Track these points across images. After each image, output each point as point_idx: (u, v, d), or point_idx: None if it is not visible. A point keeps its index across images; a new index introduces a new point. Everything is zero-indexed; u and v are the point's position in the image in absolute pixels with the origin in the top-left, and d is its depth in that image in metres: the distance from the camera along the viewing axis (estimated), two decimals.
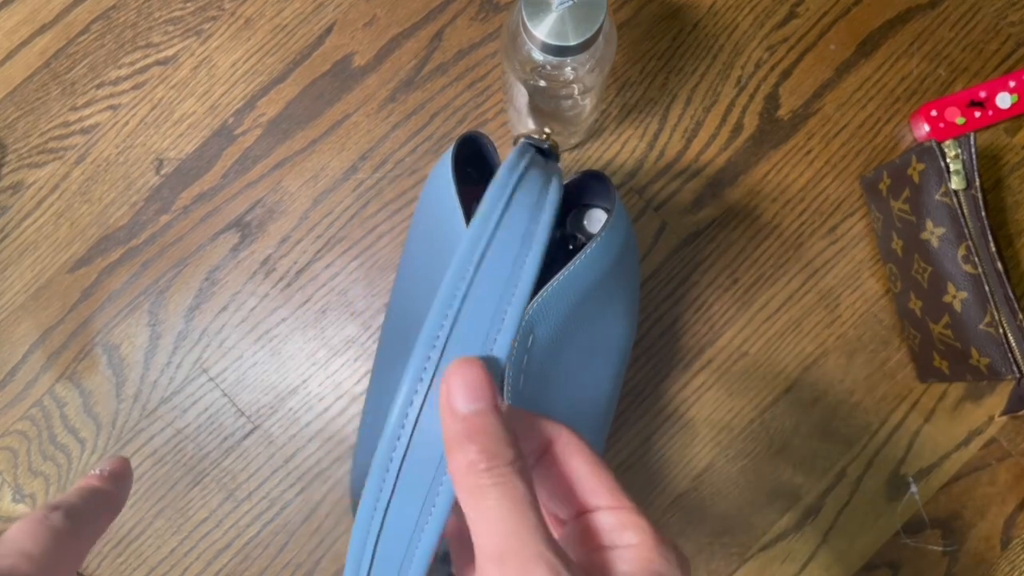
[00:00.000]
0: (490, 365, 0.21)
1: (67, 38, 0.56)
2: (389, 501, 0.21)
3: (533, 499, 0.19)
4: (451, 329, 0.21)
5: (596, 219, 0.45)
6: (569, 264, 0.35)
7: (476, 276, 0.22)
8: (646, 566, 0.20)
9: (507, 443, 0.19)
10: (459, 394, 0.19)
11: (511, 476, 0.19)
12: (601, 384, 0.40)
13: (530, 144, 0.31)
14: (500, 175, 0.25)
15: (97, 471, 0.31)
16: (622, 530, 0.21)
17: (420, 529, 0.21)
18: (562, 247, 0.45)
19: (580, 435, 0.22)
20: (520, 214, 0.23)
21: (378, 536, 0.21)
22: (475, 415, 0.19)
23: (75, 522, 0.28)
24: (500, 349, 0.21)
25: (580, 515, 0.22)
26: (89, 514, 0.29)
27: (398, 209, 0.54)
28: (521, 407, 0.33)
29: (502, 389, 0.33)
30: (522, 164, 0.26)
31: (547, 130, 0.33)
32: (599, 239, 0.35)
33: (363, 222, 0.54)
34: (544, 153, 0.32)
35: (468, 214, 0.34)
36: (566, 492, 0.22)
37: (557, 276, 0.34)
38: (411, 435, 0.21)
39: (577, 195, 0.44)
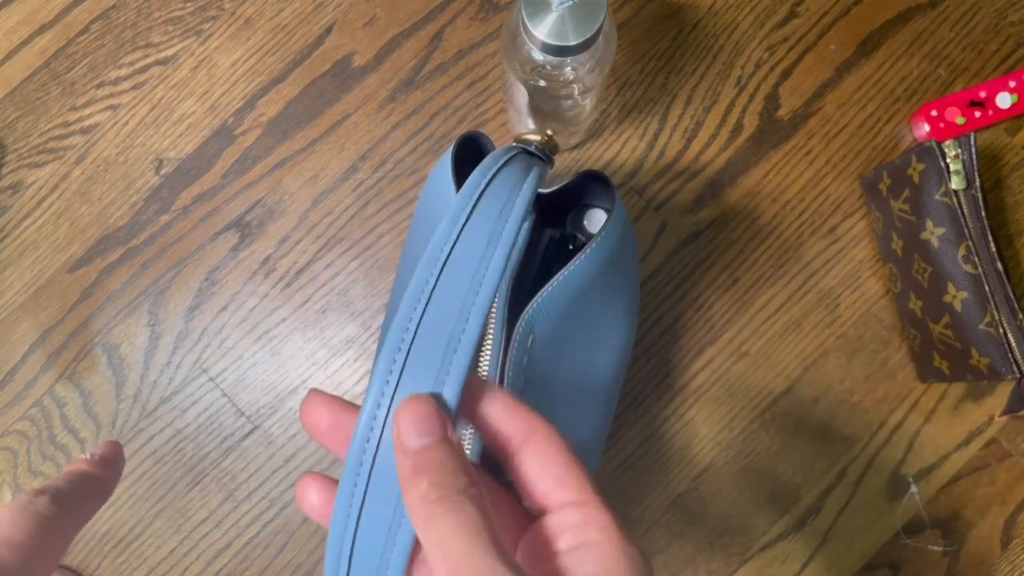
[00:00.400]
0: (443, 392, 0.21)
1: (67, 38, 0.56)
2: (363, 502, 0.21)
3: (486, 522, 0.19)
4: (415, 333, 0.21)
5: (596, 219, 0.45)
6: (569, 264, 0.35)
7: (439, 278, 0.22)
8: (607, 566, 0.20)
9: (457, 472, 0.20)
10: (408, 431, 0.20)
11: (463, 503, 0.19)
12: (601, 384, 0.40)
13: (517, 146, 0.31)
14: (472, 176, 0.25)
15: (87, 455, 0.31)
16: (585, 527, 0.21)
17: (396, 525, 0.21)
18: (562, 247, 0.45)
19: (559, 431, 0.22)
20: (489, 211, 0.23)
21: (354, 535, 0.21)
22: (425, 449, 0.20)
23: (61, 507, 0.28)
24: (464, 350, 0.21)
25: (547, 512, 0.22)
26: (76, 499, 0.29)
27: (398, 209, 0.54)
28: None
29: (502, 383, 0.33)
30: (497, 165, 0.26)
31: (549, 132, 0.33)
32: (599, 239, 0.35)
33: (363, 222, 0.54)
34: (532, 154, 0.32)
35: None
36: (536, 484, 0.22)
37: (557, 276, 0.34)
38: (380, 435, 0.21)
39: (577, 195, 0.44)
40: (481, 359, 0.33)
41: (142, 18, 0.56)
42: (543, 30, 0.36)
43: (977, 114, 0.52)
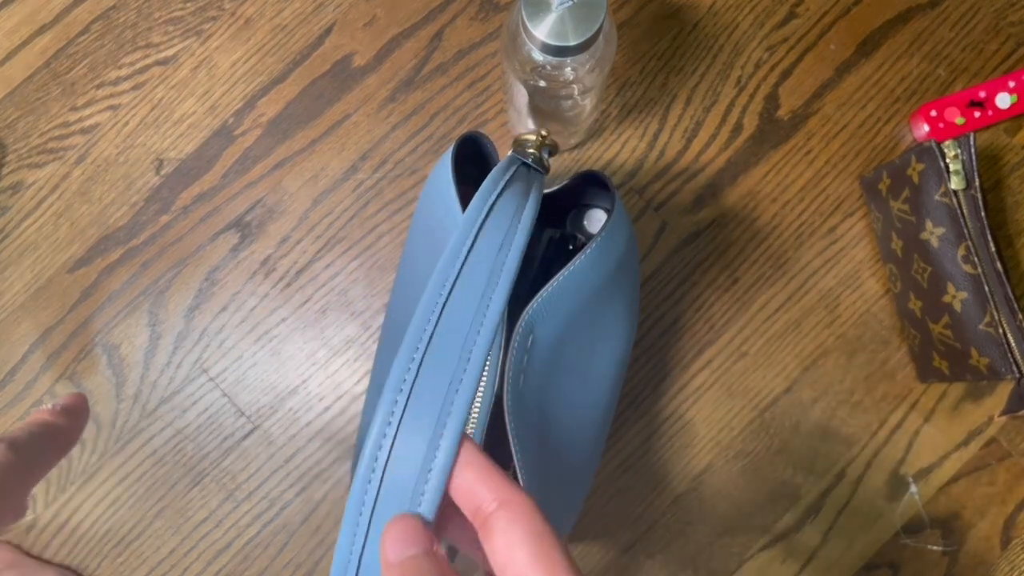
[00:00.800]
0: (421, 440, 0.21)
1: (67, 38, 0.56)
2: (364, 544, 0.21)
3: None
4: (416, 372, 0.22)
5: (596, 219, 0.45)
6: (569, 264, 0.35)
7: (445, 307, 0.22)
8: None
9: None
10: (391, 547, 0.21)
11: None
12: (601, 384, 0.40)
13: (516, 157, 0.31)
14: (473, 202, 0.25)
15: (49, 405, 0.31)
16: None
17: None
18: (562, 247, 0.45)
19: (533, 504, 0.22)
20: (490, 244, 0.24)
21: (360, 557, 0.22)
22: (409, 560, 0.21)
23: (19, 455, 0.27)
24: (475, 360, 0.22)
25: None
26: (36, 448, 0.28)
27: (398, 209, 0.54)
28: (521, 407, 0.33)
29: (502, 386, 0.33)
30: (497, 189, 0.26)
31: (543, 132, 0.33)
32: (599, 239, 0.35)
33: (363, 222, 0.54)
34: (531, 165, 0.32)
35: None
36: (507, 562, 0.21)
37: (557, 276, 0.34)
38: (382, 475, 0.22)
39: (577, 195, 0.44)
40: None
41: (142, 18, 0.56)
42: (543, 30, 0.36)
43: (977, 114, 0.52)
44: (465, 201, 0.35)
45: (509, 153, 0.33)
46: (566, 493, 0.40)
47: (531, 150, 0.33)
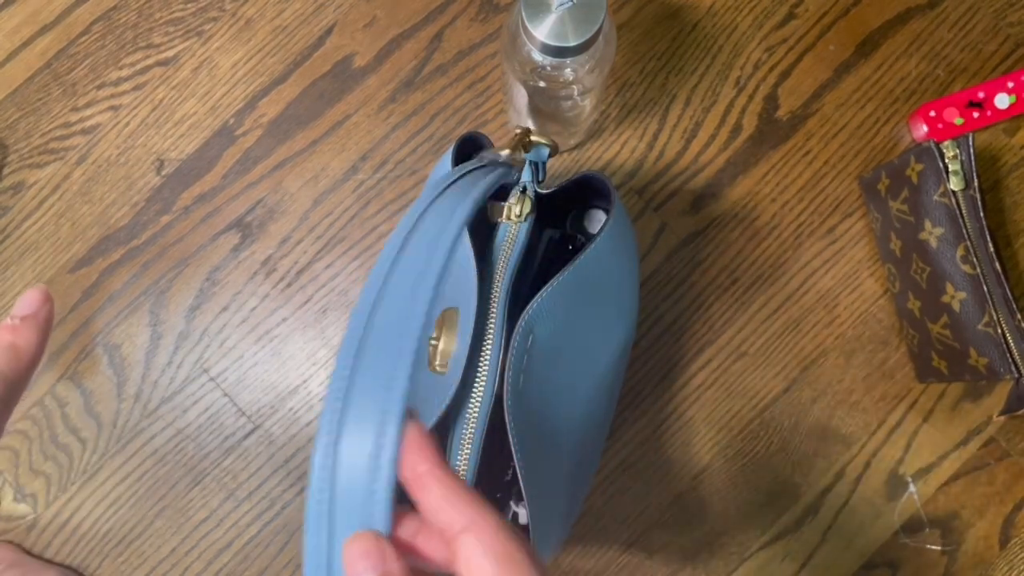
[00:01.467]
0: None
1: (68, 39, 0.56)
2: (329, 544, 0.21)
3: None
4: (356, 354, 0.22)
5: (596, 219, 0.45)
6: (568, 265, 0.35)
7: (377, 305, 0.22)
8: None
9: None
10: (351, 568, 0.21)
11: None
12: (601, 383, 0.41)
13: (489, 161, 0.31)
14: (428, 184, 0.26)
15: (8, 321, 0.29)
16: None
17: None
18: (562, 247, 0.45)
19: (499, 523, 0.21)
20: (424, 238, 0.24)
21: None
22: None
23: None
24: (407, 349, 0.21)
25: None
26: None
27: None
28: (520, 406, 0.34)
29: (502, 387, 0.33)
30: (451, 178, 0.27)
31: (528, 128, 0.33)
32: (598, 239, 0.36)
33: (363, 222, 0.54)
34: (505, 164, 0.32)
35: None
36: None
37: (556, 277, 0.35)
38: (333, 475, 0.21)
39: (577, 196, 0.44)
40: (481, 360, 0.34)
41: (143, 19, 0.56)
42: (543, 31, 0.37)
43: (975, 115, 0.52)
44: None
45: (478, 157, 0.33)
46: (567, 492, 0.40)
47: (504, 151, 0.33)
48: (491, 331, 0.34)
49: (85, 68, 0.56)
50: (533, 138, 0.35)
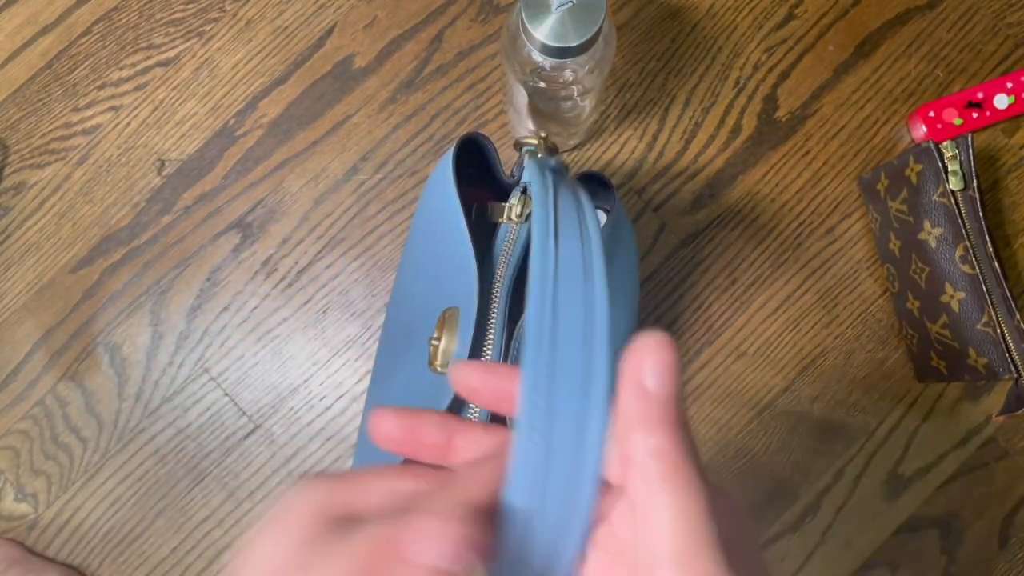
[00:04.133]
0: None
1: (69, 39, 0.56)
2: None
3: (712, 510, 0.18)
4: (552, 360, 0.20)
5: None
6: None
7: (556, 316, 0.21)
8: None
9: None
10: (651, 373, 0.19)
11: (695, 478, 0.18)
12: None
13: (543, 163, 0.30)
14: (537, 214, 0.24)
15: None
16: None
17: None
18: None
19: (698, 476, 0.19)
20: (571, 240, 0.23)
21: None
22: (669, 397, 0.19)
23: None
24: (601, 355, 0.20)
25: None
26: None
27: (399, 210, 0.54)
28: None
29: None
30: (550, 192, 0.26)
31: (542, 134, 0.33)
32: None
33: (364, 223, 0.54)
34: (555, 168, 0.32)
35: (468, 214, 0.34)
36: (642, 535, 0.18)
37: None
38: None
39: None
40: (481, 359, 0.34)
41: (144, 19, 0.56)
42: (543, 32, 0.37)
43: (975, 115, 0.52)
44: (466, 201, 0.35)
45: (528, 161, 0.32)
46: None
47: (542, 154, 0.33)
48: (492, 331, 0.34)
49: (86, 68, 0.56)
50: (531, 140, 0.35)
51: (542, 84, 0.41)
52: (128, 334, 0.54)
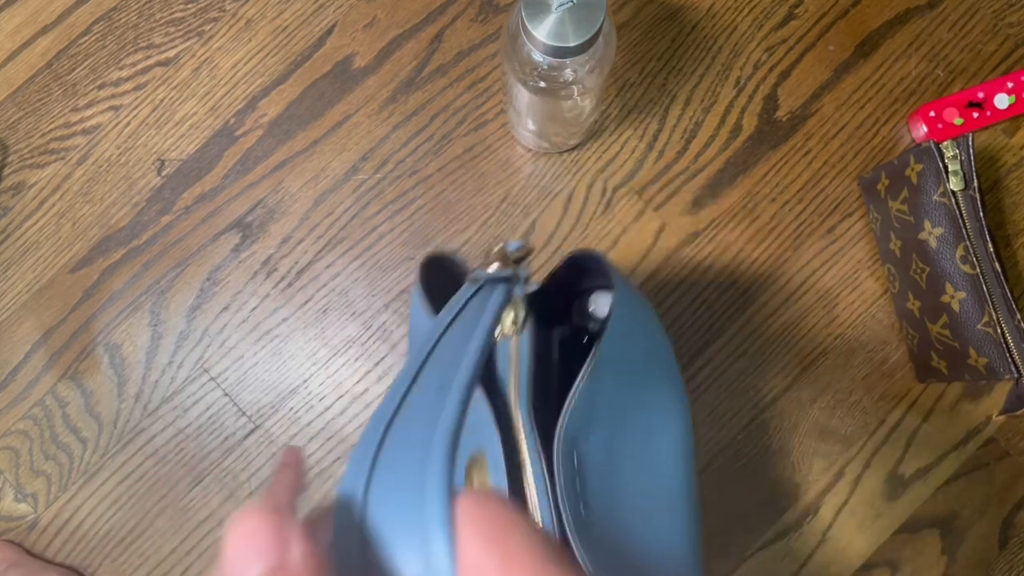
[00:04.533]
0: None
1: (69, 39, 0.56)
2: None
3: None
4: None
5: (602, 302, 0.40)
6: (586, 365, 0.30)
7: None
8: None
9: None
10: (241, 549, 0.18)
11: None
12: (673, 482, 0.34)
13: (485, 279, 0.26)
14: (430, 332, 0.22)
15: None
16: None
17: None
18: (576, 343, 0.40)
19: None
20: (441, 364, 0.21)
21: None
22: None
23: None
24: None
25: None
26: None
27: (399, 209, 0.54)
28: (592, 540, 0.28)
29: (561, 529, 0.28)
30: (451, 315, 0.23)
31: (502, 245, 0.28)
32: (610, 327, 0.31)
33: (364, 222, 0.54)
34: (496, 279, 0.27)
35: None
36: None
37: (577, 383, 0.30)
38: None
39: (572, 283, 0.40)
40: (527, 501, 0.29)
41: (143, 19, 0.56)
42: (543, 31, 0.37)
43: (975, 115, 0.52)
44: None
45: (471, 278, 0.28)
46: None
47: (491, 268, 0.27)
48: (528, 469, 0.29)
49: (86, 68, 0.56)
50: (510, 250, 0.28)
51: (542, 84, 0.41)
52: (128, 334, 0.54)
